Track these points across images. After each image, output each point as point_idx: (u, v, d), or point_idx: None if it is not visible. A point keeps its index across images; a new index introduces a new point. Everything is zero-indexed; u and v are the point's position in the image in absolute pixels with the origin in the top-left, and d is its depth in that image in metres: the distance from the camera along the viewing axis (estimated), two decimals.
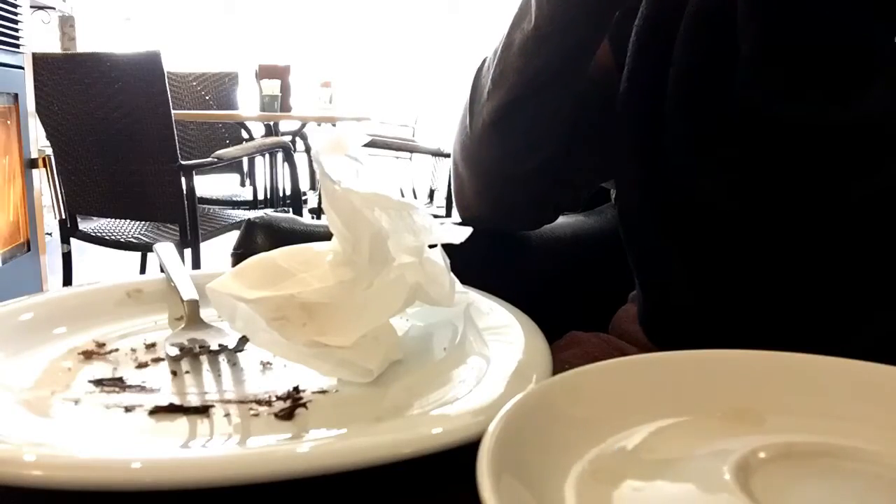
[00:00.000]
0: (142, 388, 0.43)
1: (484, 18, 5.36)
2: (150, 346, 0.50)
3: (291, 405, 0.40)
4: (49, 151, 2.47)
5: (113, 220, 2.59)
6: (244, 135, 3.47)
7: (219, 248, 2.15)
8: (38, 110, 2.41)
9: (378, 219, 0.45)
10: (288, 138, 3.52)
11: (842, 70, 0.49)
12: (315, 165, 0.46)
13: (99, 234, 2.47)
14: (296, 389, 0.42)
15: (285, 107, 3.33)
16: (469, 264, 0.55)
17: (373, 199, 0.46)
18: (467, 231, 0.52)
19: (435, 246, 0.50)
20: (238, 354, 0.48)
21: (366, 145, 0.49)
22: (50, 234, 3.05)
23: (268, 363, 0.47)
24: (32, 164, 2.77)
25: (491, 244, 0.72)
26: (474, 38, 5.24)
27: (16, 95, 2.67)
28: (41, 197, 2.87)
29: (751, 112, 0.51)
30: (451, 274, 0.51)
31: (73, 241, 2.50)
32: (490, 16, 5.35)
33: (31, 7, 3.31)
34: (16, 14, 2.64)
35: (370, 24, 5.35)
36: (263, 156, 3.42)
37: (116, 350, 0.49)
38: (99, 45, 4.46)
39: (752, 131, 0.52)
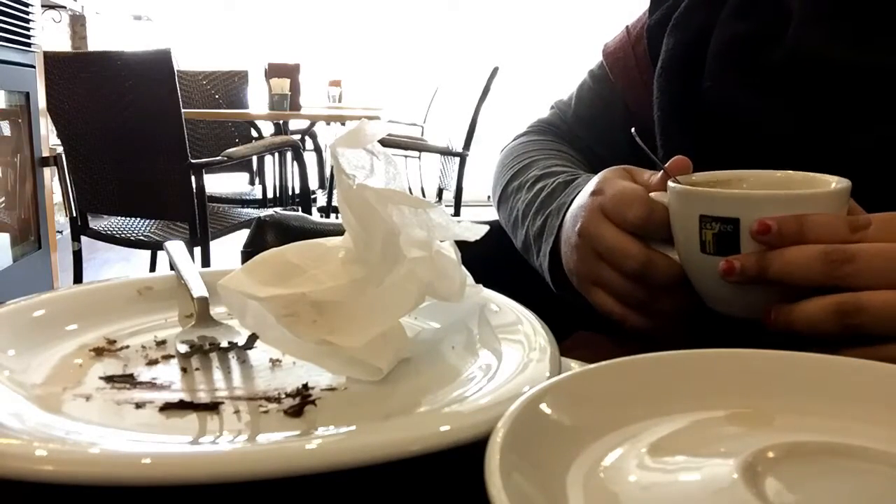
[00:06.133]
0: (152, 385, 0.43)
1: (495, 18, 5.35)
2: (161, 343, 0.50)
3: (300, 402, 0.40)
4: (60, 150, 2.48)
5: (123, 218, 2.61)
6: (253, 133, 3.48)
7: (228, 247, 2.15)
8: (49, 109, 2.43)
9: (390, 214, 0.45)
10: (297, 137, 3.53)
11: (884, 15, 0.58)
12: (332, 159, 0.46)
13: (109, 232, 2.48)
14: (305, 387, 0.43)
15: (294, 105, 3.33)
16: (476, 262, 0.54)
17: (388, 196, 0.45)
18: (484, 229, 0.52)
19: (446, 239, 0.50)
20: (248, 352, 0.48)
21: None
22: (61, 233, 3.07)
23: (277, 360, 0.47)
24: (43, 162, 2.78)
25: (498, 242, 0.72)
26: (484, 38, 5.23)
27: (27, 94, 2.69)
28: (52, 195, 2.89)
29: (795, 58, 0.60)
30: (462, 268, 0.50)
31: (83, 238, 2.51)
32: (502, 15, 5.35)
33: (42, 6, 3.32)
34: (27, 13, 2.65)
35: (379, 23, 5.36)
36: (273, 154, 3.43)
37: (127, 347, 0.49)
38: (109, 43, 4.48)
39: (793, 75, 0.60)
